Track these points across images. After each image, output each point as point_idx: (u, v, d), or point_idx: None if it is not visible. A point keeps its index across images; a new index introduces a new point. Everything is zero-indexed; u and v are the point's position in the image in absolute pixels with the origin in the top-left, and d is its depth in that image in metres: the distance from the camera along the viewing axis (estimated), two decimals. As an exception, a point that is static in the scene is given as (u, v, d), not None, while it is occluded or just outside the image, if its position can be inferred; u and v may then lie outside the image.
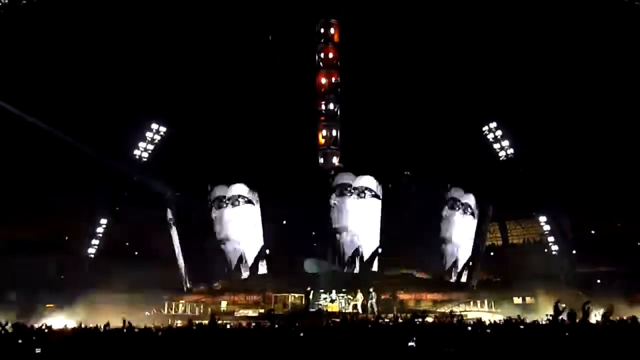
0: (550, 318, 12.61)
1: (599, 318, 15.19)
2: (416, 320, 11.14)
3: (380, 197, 37.53)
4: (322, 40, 45.75)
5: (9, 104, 35.04)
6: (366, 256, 37.26)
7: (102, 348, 10.67)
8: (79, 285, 37.49)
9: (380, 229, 37.04)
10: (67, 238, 43.77)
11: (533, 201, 43.60)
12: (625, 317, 15.94)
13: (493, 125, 45.00)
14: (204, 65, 41.95)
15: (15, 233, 37.12)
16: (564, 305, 12.54)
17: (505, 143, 44.84)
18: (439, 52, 42.56)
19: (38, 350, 10.20)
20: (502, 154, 45.07)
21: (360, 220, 37.35)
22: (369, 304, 35.06)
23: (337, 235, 37.16)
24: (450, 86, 42.29)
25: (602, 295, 26.09)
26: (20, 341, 11.94)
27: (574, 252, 42.48)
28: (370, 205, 37.34)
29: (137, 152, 44.37)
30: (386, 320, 26.40)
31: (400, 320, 21.66)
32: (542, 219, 44.54)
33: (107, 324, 19.82)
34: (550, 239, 44.15)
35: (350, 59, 45.02)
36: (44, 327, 21.77)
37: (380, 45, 43.25)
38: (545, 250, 44.31)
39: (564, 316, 11.79)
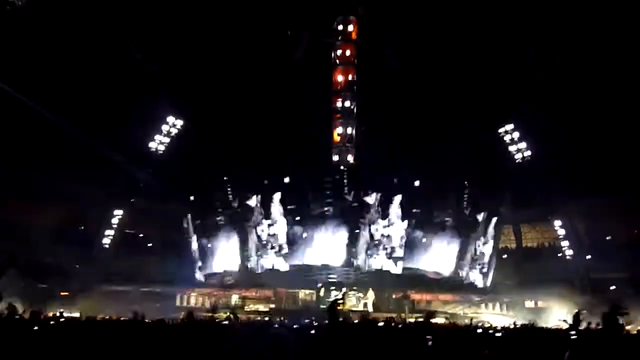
0: (566, 325, 12.44)
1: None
2: (427, 321, 11.06)
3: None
4: (339, 38, 45.61)
5: (28, 98, 35.42)
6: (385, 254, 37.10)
7: (112, 339, 10.76)
8: (93, 275, 37.96)
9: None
10: (82, 228, 44.22)
11: (548, 205, 43.25)
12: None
13: (510, 127, 44.63)
14: (222, 61, 42.04)
15: (32, 222, 37.53)
16: (584, 312, 12.37)
17: (522, 145, 44.46)
18: (457, 52, 42.30)
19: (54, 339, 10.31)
20: (518, 156, 44.71)
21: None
22: (361, 304, 35.20)
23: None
24: (467, 87, 42.03)
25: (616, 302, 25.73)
26: (36, 328, 12.06)
27: (588, 257, 42.05)
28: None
29: (153, 145, 44.65)
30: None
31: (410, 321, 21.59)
32: (557, 222, 44.17)
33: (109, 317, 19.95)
34: (565, 243, 43.77)
35: (368, 57, 44.90)
36: (58, 315, 22.02)
37: (398, 44, 43.10)
38: (560, 254, 43.95)
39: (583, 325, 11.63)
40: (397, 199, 36.37)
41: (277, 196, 37.23)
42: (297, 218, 37.64)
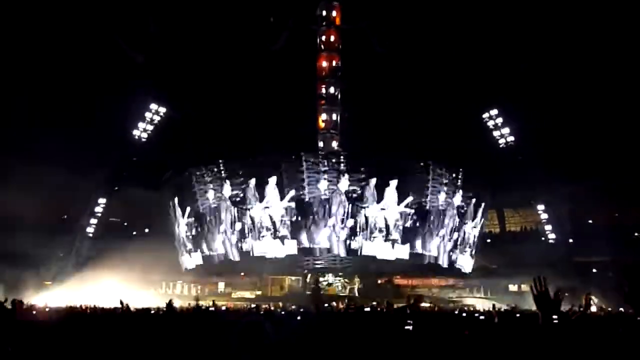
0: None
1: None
2: (410, 306, 11.16)
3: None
4: (323, 23, 45.27)
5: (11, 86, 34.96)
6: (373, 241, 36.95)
7: (98, 328, 10.75)
8: (78, 264, 37.76)
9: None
10: (66, 217, 43.88)
11: (531, 189, 43.68)
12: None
13: (494, 112, 44.87)
14: (205, 48, 41.68)
15: (15, 211, 37.16)
16: (566, 294, 12.52)
17: (506, 130, 44.74)
18: (441, 37, 42.31)
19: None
20: (502, 141, 45.01)
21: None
22: (347, 290, 35.34)
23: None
24: (451, 72, 42.13)
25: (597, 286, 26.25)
26: (19, 318, 12.02)
27: (570, 241, 42.64)
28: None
29: (136, 133, 44.27)
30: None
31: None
32: (540, 207, 44.66)
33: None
34: (548, 227, 44.30)
35: (352, 43, 44.73)
36: (44, 304, 21.93)
37: (382, 29, 42.97)
38: (543, 238, 44.50)
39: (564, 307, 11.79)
40: (393, 183, 36.05)
41: (272, 180, 36.80)
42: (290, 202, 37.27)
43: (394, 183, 35.83)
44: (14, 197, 36.97)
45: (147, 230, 44.00)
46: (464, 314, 20.04)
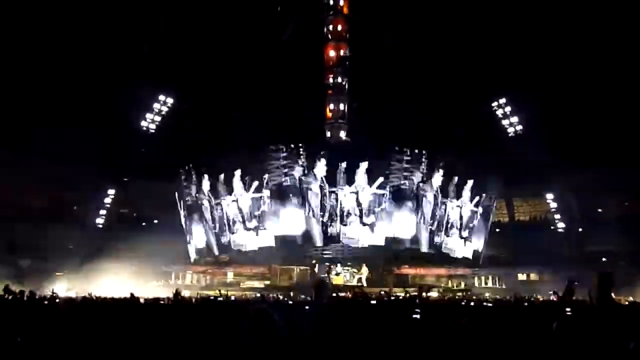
0: (556, 296, 12.56)
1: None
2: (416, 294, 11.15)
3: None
4: (331, 12, 44.99)
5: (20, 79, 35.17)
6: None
7: (108, 318, 10.83)
8: (87, 255, 38.03)
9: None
10: (75, 207, 44.17)
11: (540, 178, 43.40)
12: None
13: (502, 100, 44.56)
14: (212, 37, 41.56)
15: (26, 202, 37.52)
16: (576, 283, 12.42)
17: (514, 119, 44.45)
18: (450, 25, 41.95)
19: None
20: (510, 130, 44.73)
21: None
22: (355, 279, 35.29)
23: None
24: (460, 60, 41.79)
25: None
26: (32, 310, 12.15)
27: (580, 230, 42.42)
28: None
29: (144, 124, 44.36)
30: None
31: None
32: (549, 196, 44.45)
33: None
34: (557, 216, 44.09)
35: (360, 32, 44.41)
36: (54, 295, 22.08)
37: (390, 18, 42.64)
38: (552, 227, 44.31)
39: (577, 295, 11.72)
40: (363, 165, 35.73)
41: (237, 173, 36.95)
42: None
43: (364, 165, 35.61)
44: (23, 189, 37.34)
45: (155, 221, 44.18)
46: (472, 303, 20.05)
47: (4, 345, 5.40)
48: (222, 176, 37.25)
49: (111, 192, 43.48)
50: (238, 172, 36.75)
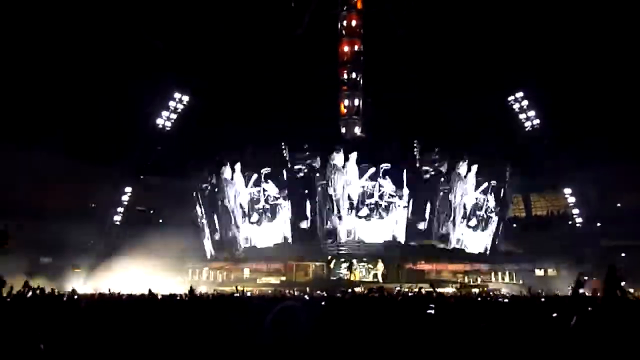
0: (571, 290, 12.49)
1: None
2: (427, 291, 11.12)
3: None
4: (345, 8, 44.86)
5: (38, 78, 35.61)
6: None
7: (126, 315, 10.97)
8: (105, 251, 38.49)
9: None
10: (93, 205, 44.69)
11: (557, 173, 42.96)
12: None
13: (519, 94, 44.09)
14: (227, 34, 41.76)
15: (45, 200, 37.99)
16: (586, 277, 12.35)
17: (531, 113, 43.98)
18: (464, 19, 41.65)
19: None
20: (527, 124, 44.28)
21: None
22: (371, 275, 35.31)
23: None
24: (475, 54, 41.49)
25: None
26: (53, 306, 12.33)
27: (598, 224, 41.92)
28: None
29: (160, 122, 44.69)
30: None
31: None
32: (567, 190, 43.94)
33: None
34: (575, 211, 43.61)
35: (374, 27, 44.24)
36: (72, 292, 22.35)
37: (405, 13, 42.39)
38: (570, 222, 43.84)
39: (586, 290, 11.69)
40: (353, 156, 35.83)
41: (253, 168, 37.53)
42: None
43: (353, 156, 35.76)
44: (43, 186, 37.84)
45: (172, 218, 44.54)
46: (489, 299, 19.95)
47: (27, 351, 5.41)
48: (238, 171, 37.71)
49: (128, 189, 43.89)
50: (253, 168, 37.16)
